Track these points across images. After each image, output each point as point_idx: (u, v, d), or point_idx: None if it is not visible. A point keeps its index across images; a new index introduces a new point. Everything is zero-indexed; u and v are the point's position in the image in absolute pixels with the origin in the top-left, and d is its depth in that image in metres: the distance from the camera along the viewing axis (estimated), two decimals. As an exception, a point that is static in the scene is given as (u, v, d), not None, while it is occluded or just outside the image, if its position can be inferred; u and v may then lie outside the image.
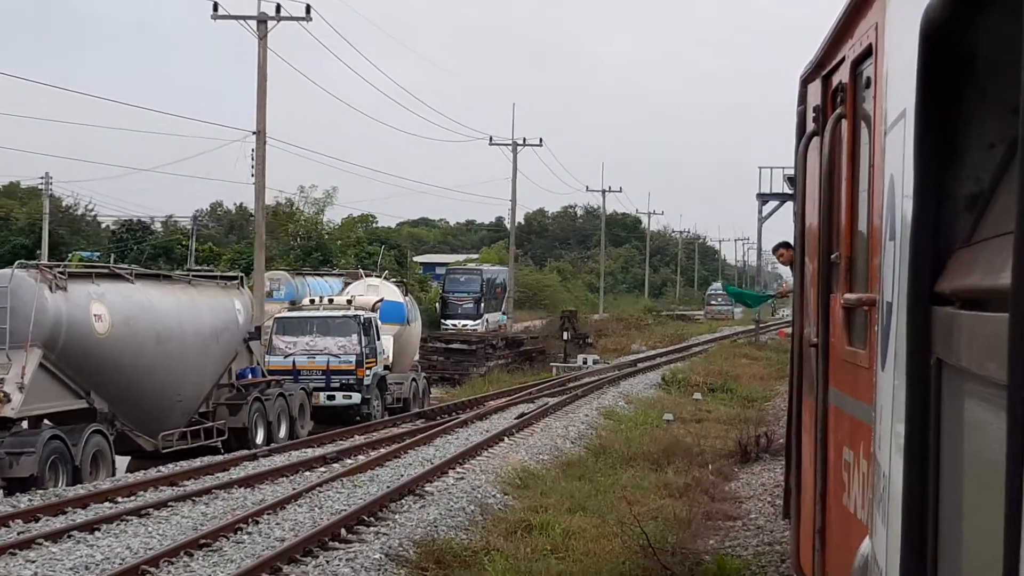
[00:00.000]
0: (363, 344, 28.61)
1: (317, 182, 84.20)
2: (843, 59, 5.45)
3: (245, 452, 21.83)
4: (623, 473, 20.07)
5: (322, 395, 28.39)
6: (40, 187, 76.62)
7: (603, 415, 29.02)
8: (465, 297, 76.60)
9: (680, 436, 24.20)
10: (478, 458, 20.99)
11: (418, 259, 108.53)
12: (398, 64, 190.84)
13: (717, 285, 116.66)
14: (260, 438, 25.00)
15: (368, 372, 28.82)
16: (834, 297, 5.42)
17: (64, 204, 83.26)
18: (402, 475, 18.88)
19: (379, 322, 30.62)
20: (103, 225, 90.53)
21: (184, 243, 78.94)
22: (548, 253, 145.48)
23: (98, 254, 72.23)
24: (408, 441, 22.99)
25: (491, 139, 62.18)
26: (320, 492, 17.30)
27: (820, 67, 6.35)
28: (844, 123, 5.38)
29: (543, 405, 28.95)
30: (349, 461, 20.66)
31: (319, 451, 21.92)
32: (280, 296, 46.19)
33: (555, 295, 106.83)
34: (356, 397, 28.50)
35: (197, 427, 23.77)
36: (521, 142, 61.89)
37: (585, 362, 43.32)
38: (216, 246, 80.00)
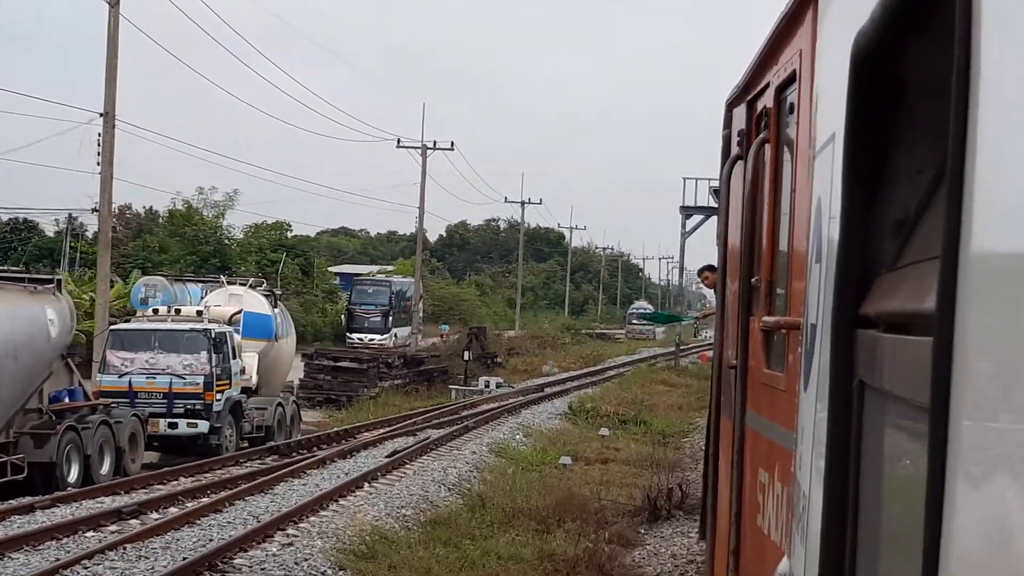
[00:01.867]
0: (214, 363, 24.25)
1: (218, 184, 78.66)
2: (767, 85, 5.56)
3: (16, 503, 17.17)
4: (501, 536, 16.03)
5: (162, 422, 23.98)
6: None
7: (494, 452, 24.97)
8: (372, 310, 72.50)
9: (578, 485, 20.20)
10: (321, 514, 16.81)
11: (334, 269, 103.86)
12: (317, 72, 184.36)
13: (640, 304, 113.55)
14: (74, 475, 20.56)
15: (219, 396, 24.45)
16: (754, 319, 5.51)
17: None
18: (212, 538, 14.64)
19: (238, 337, 26.30)
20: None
21: (73, 245, 73.67)
22: (469, 267, 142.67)
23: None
24: (243, 487, 18.69)
25: (399, 141, 57.92)
26: (86, 569, 12.97)
27: (745, 92, 6.40)
28: (767, 147, 5.47)
29: (423, 439, 24.79)
30: (154, 516, 16.32)
31: (122, 500, 17.53)
32: (156, 303, 41.41)
33: (471, 310, 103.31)
34: (203, 426, 24.12)
35: (-13, 462, 19.28)
36: (431, 145, 57.63)
37: (487, 385, 39.19)
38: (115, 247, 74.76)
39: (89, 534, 15.04)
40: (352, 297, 73.82)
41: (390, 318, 69.06)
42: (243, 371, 27.48)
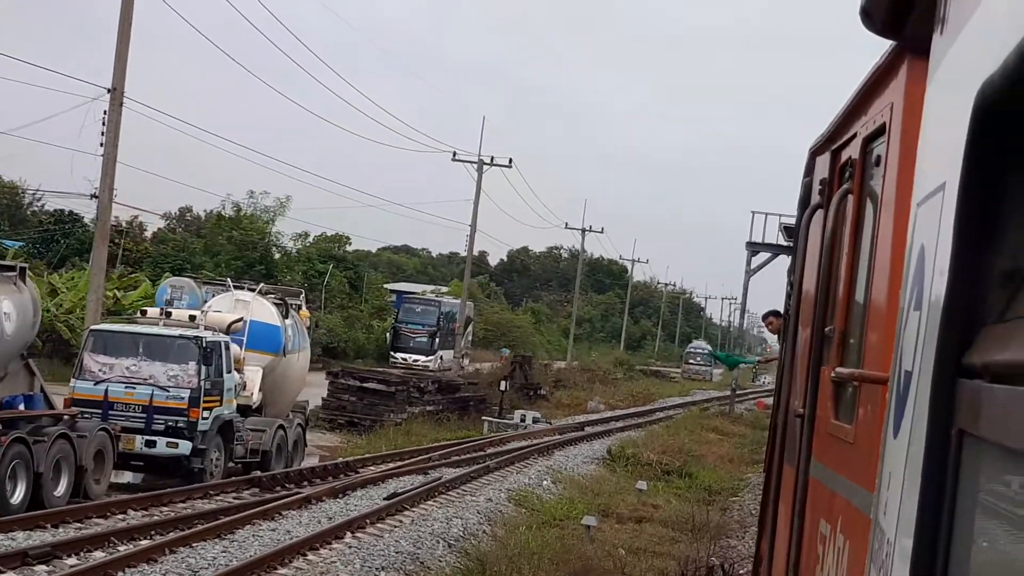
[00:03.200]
0: (203, 376, 21.32)
1: (271, 189, 75.95)
2: (855, 135, 5.54)
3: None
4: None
5: (138, 439, 21.08)
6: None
7: (513, 500, 21.84)
8: (419, 330, 69.77)
9: (601, 552, 17.02)
10: (278, 572, 13.73)
11: (391, 286, 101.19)
12: (380, 83, 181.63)
13: (698, 343, 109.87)
14: (18, 496, 17.67)
15: (206, 414, 21.52)
16: (825, 369, 5.40)
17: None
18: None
19: (236, 349, 23.39)
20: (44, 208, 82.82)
21: (116, 241, 71.42)
22: (527, 293, 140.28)
23: (20, 243, 65.06)
24: (198, 528, 15.62)
25: (455, 153, 55.09)
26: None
27: (830, 141, 6.40)
28: (850, 198, 5.42)
29: (434, 480, 21.69)
30: (70, 563, 13.28)
31: (43, 536, 14.56)
32: (182, 306, 38.73)
33: (524, 337, 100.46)
34: (184, 446, 21.17)
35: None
36: (488, 160, 54.70)
37: (523, 419, 35.99)
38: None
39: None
40: (399, 315, 71.12)
41: (436, 339, 66.20)
42: (243, 387, 24.60)
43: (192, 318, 22.83)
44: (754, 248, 44.68)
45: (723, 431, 39.64)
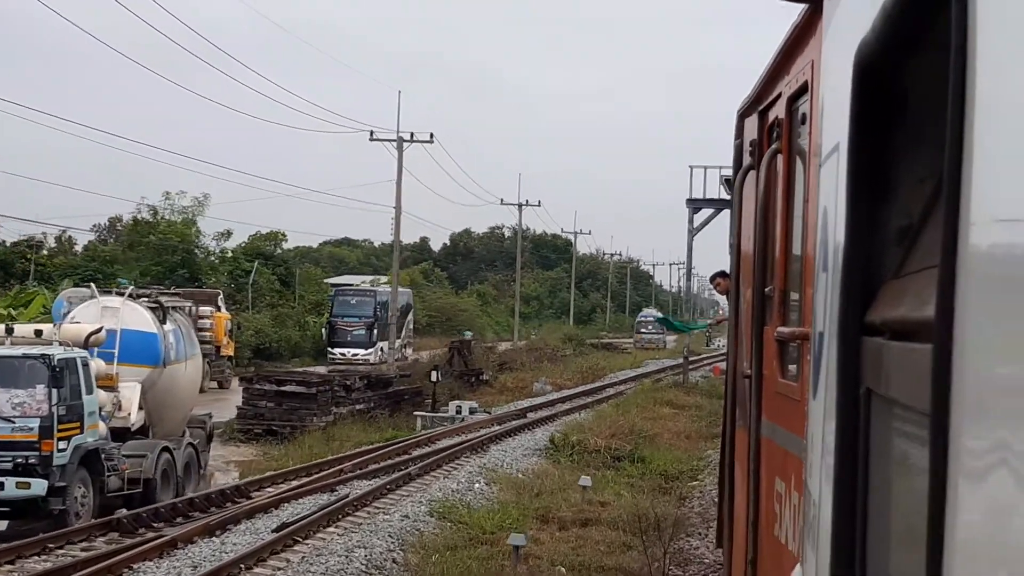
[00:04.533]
0: (54, 400, 17.94)
1: (199, 192, 71.80)
2: (779, 95, 5.57)
3: None
4: None
5: (-17, 482, 17.68)
6: None
7: (436, 514, 18.66)
8: (356, 322, 66.43)
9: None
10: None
11: (333, 280, 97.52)
12: (292, 71, 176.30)
13: (648, 311, 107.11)
14: None
15: (63, 445, 18.14)
16: (768, 329, 5.48)
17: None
18: None
19: (98, 364, 19.98)
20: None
21: (28, 256, 67.25)
22: (473, 276, 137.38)
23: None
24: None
25: (372, 133, 51.46)
26: None
27: (757, 102, 6.42)
28: (780, 157, 5.47)
29: (339, 499, 18.41)
30: None
31: None
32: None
33: (470, 320, 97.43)
34: (39, 485, 17.77)
35: None
36: (408, 137, 51.14)
37: (459, 411, 32.70)
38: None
39: None
40: (333, 309, 67.69)
41: (375, 331, 62.87)
42: (118, 406, 21.23)
43: (38, 333, 19.39)
44: (695, 205, 41.61)
45: (678, 404, 36.59)
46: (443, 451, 24.77)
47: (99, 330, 20.17)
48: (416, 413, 34.00)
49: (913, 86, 2.06)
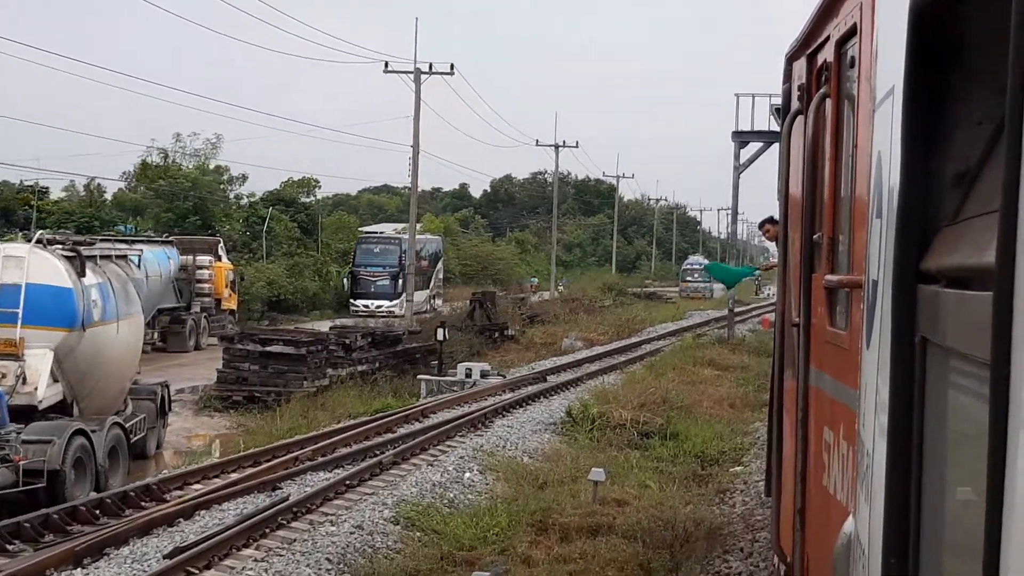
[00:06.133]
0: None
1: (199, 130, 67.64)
2: (828, 38, 5.48)
3: None
4: None
5: None
6: None
7: (403, 519, 14.45)
8: (380, 272, 62.57)
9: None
10: None
11: (369, 228, 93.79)
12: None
13: (694, 259, 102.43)
14: None
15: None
16: (816, 277, 5.46)
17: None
18: None
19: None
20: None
21: (31, 203, 63.49)
22: (515, 223, 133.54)
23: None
24: None
25: (386, 64, 46.89)
26: None
27: (805, 45, 6.34)
28: (828, 102, 5.39)
29: (274, 504, 14.16)
30: None
31: None
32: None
33: (508, 270, 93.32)
34: None
35: None
36: (427, 69, 46.56)
37: (468, 375, 28.37)
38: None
39: None
40: (356, 258, 63.71)
41: (400, 281, 58.74)
42: (22, 379, 17.15)
43: None
44: (742, 138, 36.87)
45: (721, 364, 32.07)
46: (434, 428, 20.48)
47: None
48: (420, 377, 29.71)
49: (969, 28, 2.01)
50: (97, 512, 14.08)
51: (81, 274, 18.27)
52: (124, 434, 18.47)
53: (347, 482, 15.89)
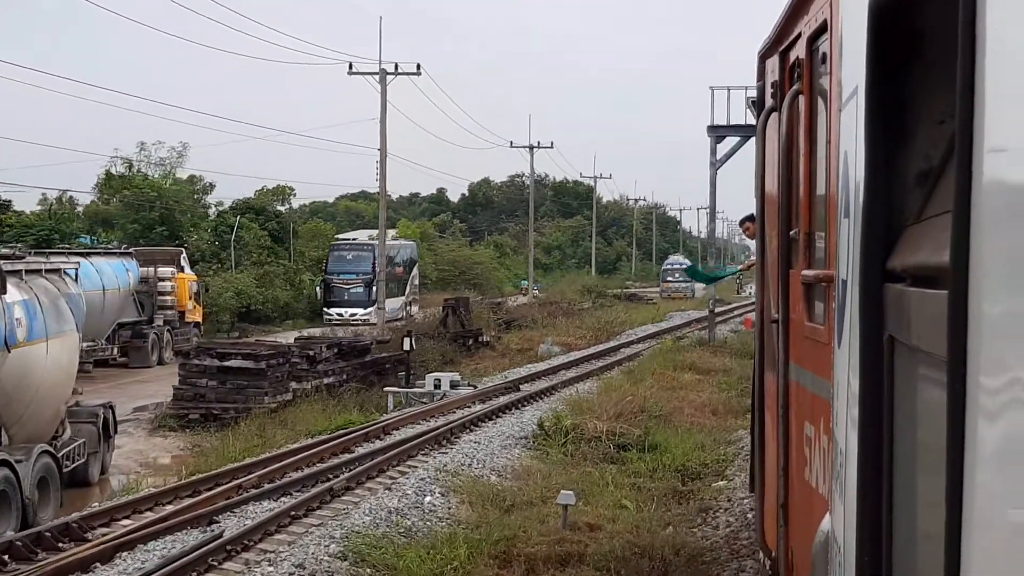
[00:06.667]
0: None
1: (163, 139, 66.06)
2: (799, 35, 5.45)
3: None
4: None
5: None
6: None
7: (351, 554, 13.05)
8: (353, 280, 61.29)
9: None
10: None
11: (345, 236, 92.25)
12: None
13: (674, 258, 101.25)
14: None
15: None
16: (794, 273, 5.43)
17: None
18: None
19: None
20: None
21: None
22: (494, 226, 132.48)
23: None
24: None
25: (351, 65, 45.43)
26: None
27: (777, 43, 6.31)
28: (801, 99, 5.38)
29: (204, 543, 12.70)
30: None
31: None
32: None
33: (485, 274, 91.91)
34: None
35: None
36: (392, 69, 45.09)
37: (437, 386, 26.96)
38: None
39: None
40: (329, 265, 62.35)
41: (374, 289, 57.32)
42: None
43: None
44: (717, 133, 35.50)
45: (702, 367, 30.70)
46: (396, 446, 19.06)
47: None
48: (387, 389, 28.29)
49: (929, 23, 1.97)
50: (5, 558, 12.58)
51: (1, 290, 16.80)
52: (55, 463, 17.00)
53: (292, 512, 14.46)
